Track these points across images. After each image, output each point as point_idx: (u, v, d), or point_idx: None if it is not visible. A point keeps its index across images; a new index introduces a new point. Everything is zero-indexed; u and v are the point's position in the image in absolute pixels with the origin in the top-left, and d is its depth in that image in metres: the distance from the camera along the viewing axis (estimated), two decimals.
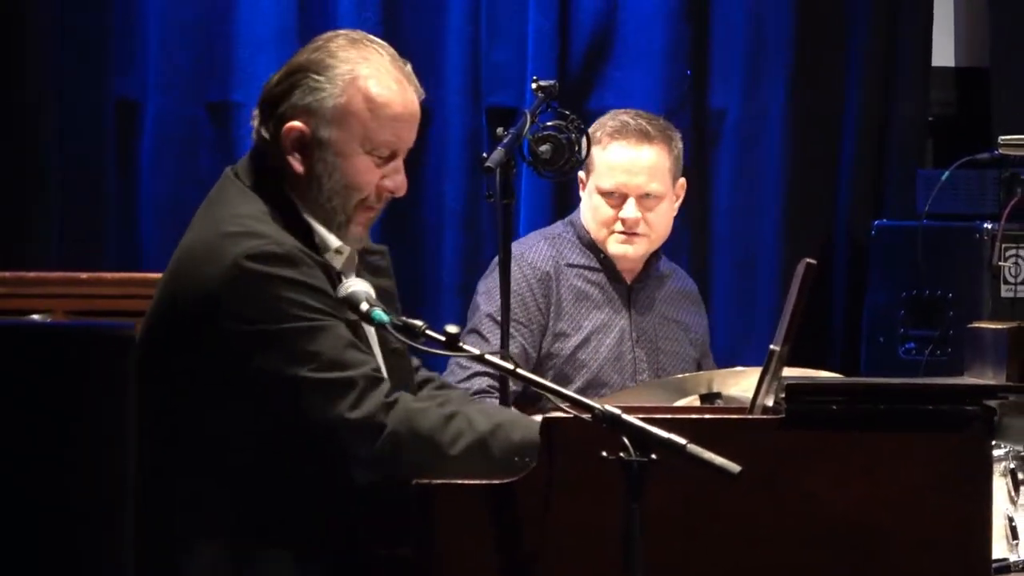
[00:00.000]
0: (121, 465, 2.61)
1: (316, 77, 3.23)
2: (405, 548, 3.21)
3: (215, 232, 3.17)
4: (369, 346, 3.29)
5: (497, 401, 4.37)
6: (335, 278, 3.23)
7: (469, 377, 4.56)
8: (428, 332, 3.05)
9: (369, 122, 3.23)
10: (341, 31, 3.40)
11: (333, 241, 3.25)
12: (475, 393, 4.60)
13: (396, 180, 3.25)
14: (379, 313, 3.04)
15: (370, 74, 3.24)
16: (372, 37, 3.35)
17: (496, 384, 4.47)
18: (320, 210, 3.25)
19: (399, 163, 3.24)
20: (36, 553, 2.50)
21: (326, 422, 3.07)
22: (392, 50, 3.32)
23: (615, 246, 4.67)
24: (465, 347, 3.13)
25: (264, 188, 3.26)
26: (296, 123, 3.18)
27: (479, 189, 5.02)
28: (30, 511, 2.50)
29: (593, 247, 4.70)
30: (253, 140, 3.31)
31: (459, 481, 3.22)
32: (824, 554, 3.27)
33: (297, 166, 3.19)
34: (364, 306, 3.08)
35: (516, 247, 4.48)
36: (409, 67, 3.30)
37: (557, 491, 3.21)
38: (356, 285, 3.13)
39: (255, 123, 3.30)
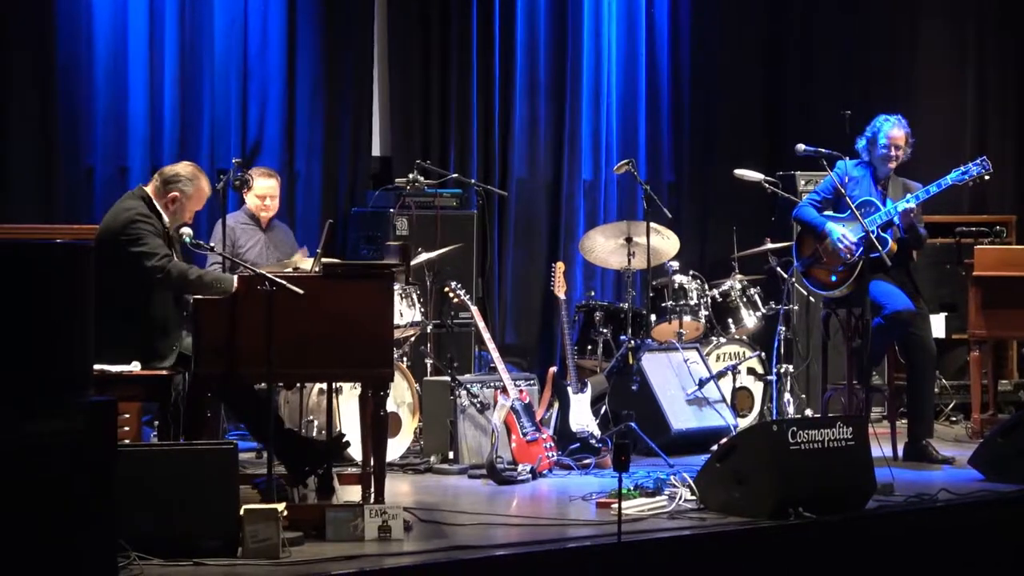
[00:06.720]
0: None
1: (181, 180, 6.94)
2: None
3: (120, 208, 6.77)
4: (175, 253, 6.69)
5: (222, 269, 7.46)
6: (165, 229, 6.69)
7: (213, 265, 8.03)
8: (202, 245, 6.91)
9: (197, 196, 7.01)
10: (182, 163, 7.08)
11: (169, 222, 6.76)
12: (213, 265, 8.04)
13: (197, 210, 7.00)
14: (186, 239, 6.81)
15: (197, 180, 6.95)
16: (194, 164, 7.05)
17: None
18: (171, 215, 6.84)
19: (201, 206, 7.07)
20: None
21: (153, 270, 6.65)
22: (201, 169, 7.00)
23: (262, 213, 8.85)
24: (216, 251, 7.16)
25: (147, 200, 6.82)
26: (174, 193, 6.90)
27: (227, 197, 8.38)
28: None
29: (252, 216, 8.80)
30: (154, 184, 6.70)
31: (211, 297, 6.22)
32: (339, 330, 6.13)
33: (171, 205, 6.86)
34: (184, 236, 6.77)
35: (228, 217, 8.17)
36: (205, 175, 6.94)
37: (248, 303, 6.13)
38: (185, 231, 6.74)
39: (156, 182, 6.82)
